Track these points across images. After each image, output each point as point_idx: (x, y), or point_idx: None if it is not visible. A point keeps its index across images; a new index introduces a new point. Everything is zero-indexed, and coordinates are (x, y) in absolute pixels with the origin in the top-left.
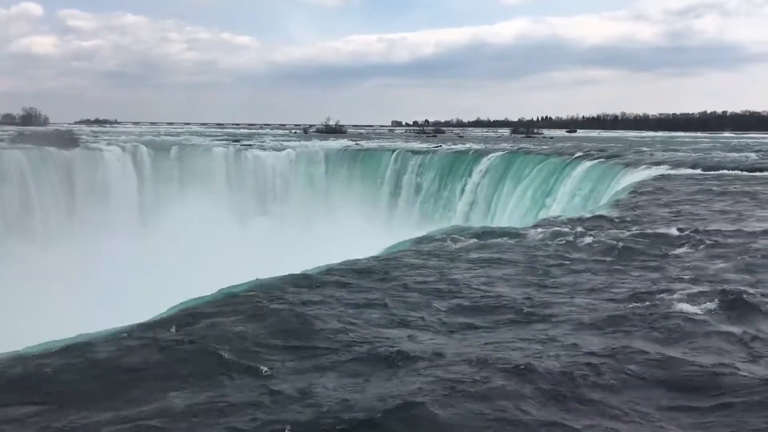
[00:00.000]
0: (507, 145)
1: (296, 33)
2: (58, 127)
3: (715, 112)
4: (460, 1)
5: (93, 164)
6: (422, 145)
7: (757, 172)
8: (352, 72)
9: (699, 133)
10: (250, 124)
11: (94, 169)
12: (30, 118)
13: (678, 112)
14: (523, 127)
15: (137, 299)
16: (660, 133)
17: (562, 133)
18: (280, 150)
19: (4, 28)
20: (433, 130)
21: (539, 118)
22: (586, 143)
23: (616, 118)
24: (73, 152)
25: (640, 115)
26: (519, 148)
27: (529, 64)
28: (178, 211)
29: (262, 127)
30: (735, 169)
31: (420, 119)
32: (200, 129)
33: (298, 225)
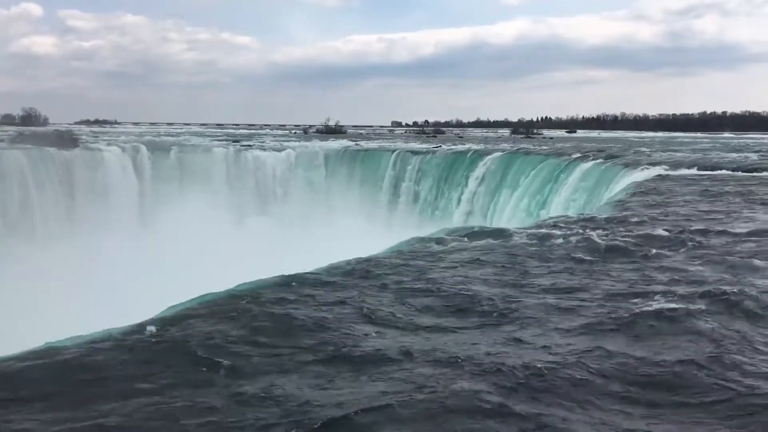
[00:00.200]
0: (507, 146)
1: (296, 33)
2: (58, 128)
3: (714, 112)
4: (460, 1)
5: (93, 164)
6: (422, 146)
7: (756, 173)
8: (352, 72)
9: (699, 134)
10: (249, 125)
11: (94, 169)
12: (30, 119)
13: (678, 112)
14: (523, 128)
15: (137, 299)
16: (660, 134)
17: (562, 133)
18: (280, 150)
19: (4, 28)
20: (432, 130)
21: (539, 119)
22: (586, 144)
23: (615, 118)
24: (73, 152)
25: (639, 116)
26: (519, 149)
27: (529, 64)
28: (178, 211)
29: (261, 128)
30: (734, 170)
31: (420, 119)
32: (200, 129)
33: (298, 225)
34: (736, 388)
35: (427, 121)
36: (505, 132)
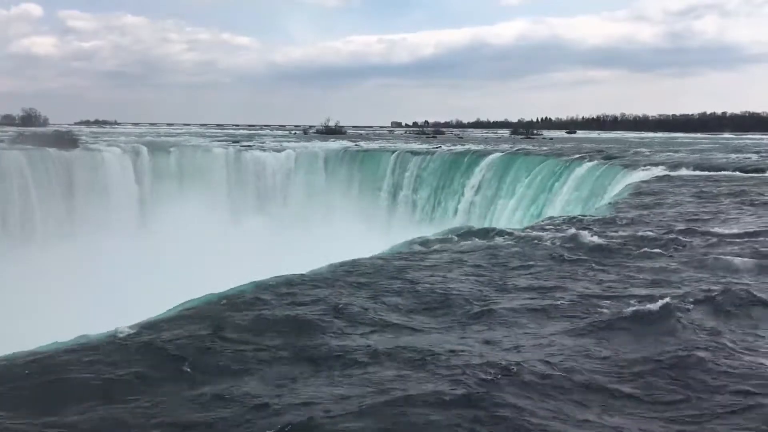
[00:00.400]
0: (507, 146)
1: (296, 33)
2: (58, 128)
3: (714, 112)
4: (460, 2)
5: (93, 165)
6: (422, 146)
7: (755, 173)
8: (352, 72)
9: (698, 134)
10: (249, 125)
11: (94, 169)
12: (30, 119)
13: (678, 112)
14: (523, 128)
15: (137, 299)
16: (659, 134)
17: (562, 134)
18: (279, 151)
19: (4, 28)
20: (432, 131)
21: (539, 119)
22: (586, 144)
23: (615, 119)
24: (73, 153)
25: (639, 116)
26: (518, 150)
27: (529, 65)
28: (178, 211)
29: (261, 128)
30: (733, 170)
31: (420, 120)
32: (200, 130)
33: (298, 226)
34: (703, 388)
35: (427, 122)
36: (505, 132)
